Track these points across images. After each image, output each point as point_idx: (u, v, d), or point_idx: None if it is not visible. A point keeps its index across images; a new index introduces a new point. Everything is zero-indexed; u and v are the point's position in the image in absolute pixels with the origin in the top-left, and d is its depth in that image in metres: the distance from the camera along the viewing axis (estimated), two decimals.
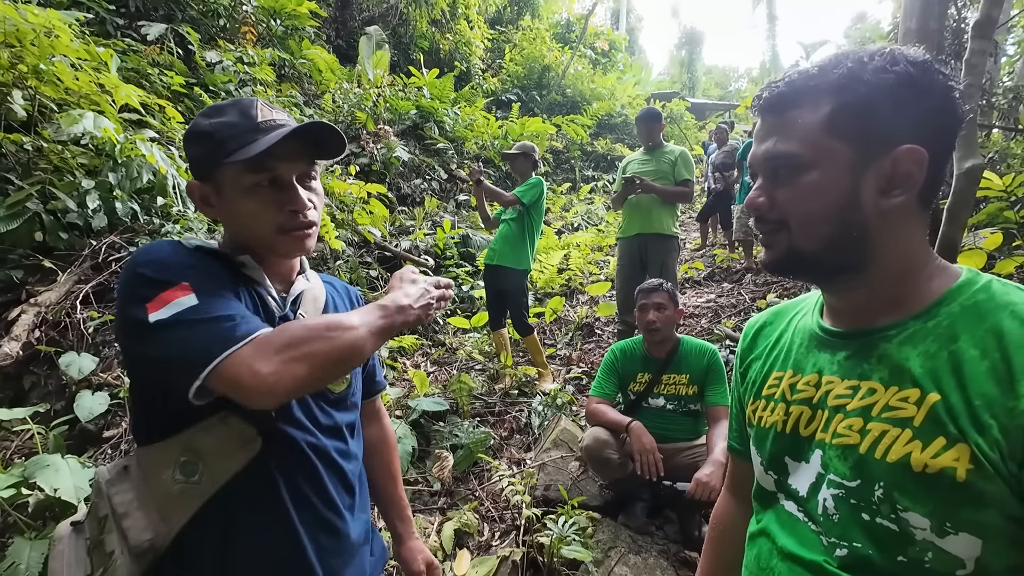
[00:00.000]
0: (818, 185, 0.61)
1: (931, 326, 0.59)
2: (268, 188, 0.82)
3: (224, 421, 0.78)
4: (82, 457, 2.55)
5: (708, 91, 26.91)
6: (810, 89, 0.62)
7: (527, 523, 2.04)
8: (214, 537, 0.79)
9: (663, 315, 2.23)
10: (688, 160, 3.52)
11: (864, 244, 0.62)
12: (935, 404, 0.56)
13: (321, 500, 0.86)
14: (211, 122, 0.81)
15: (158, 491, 0.77)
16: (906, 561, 0.57)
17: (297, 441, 0.84)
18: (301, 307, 0.91)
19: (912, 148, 0.58)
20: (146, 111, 4.51)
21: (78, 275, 3.42)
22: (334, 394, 0.92)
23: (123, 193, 3.67)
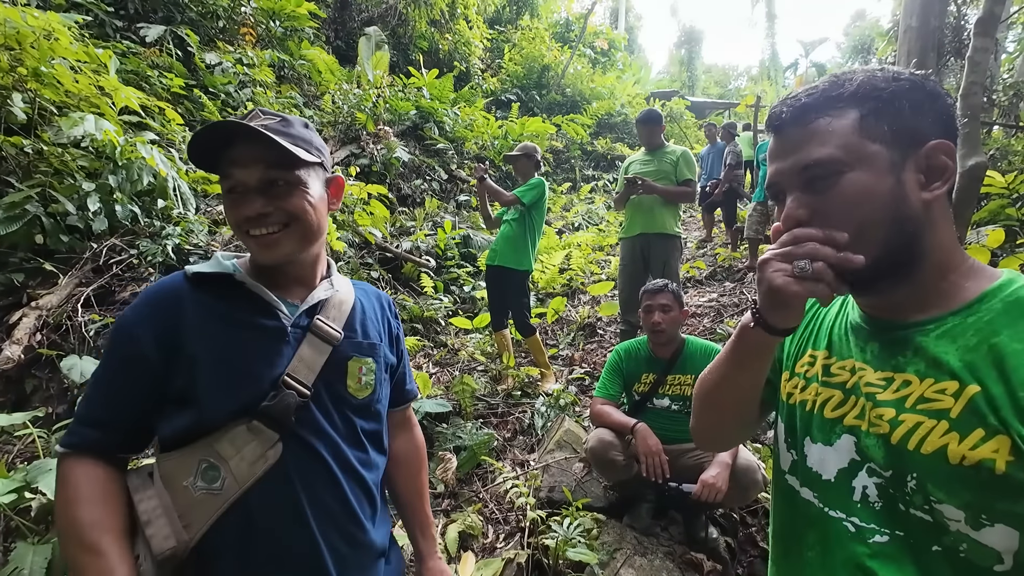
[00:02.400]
0: (865, 188, 0.61)
1: (971, 321, 0.60)
2: (232, 194, 0.86)
3: (250, 428, 0.81)
4: None
5: (708, 90, 26.91)
6: (832, 99, 0.63)
7: (532, 525, 2.03)
8: (234, 543, 0.80)
9: (668, 316, 2.22)
10: (690, 160, 3.52)
11: (916, 240, 0.62)
12: (975, 396, 0.55)
13: (341, 508, 0.87)
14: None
15: (180, 498, 0.79)
16: (941, 551, 0.57)
17: (317, 448, 0.85)
18: (323, 312, 0.92)
19: (941, 142, 0.61)
20: (146, 113, 4.50)
21: (79, 278, 3.41)
22: (356, 400, 0.92)
23: (123, 196, 3.67)
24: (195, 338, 0.82)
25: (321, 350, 0.89)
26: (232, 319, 0.85)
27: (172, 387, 0.82)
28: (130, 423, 0.83)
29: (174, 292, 0.85)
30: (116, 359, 0.83)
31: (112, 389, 0.82)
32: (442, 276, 5.27)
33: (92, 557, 0.73)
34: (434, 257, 5.44)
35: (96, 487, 0.78)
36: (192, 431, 0.81)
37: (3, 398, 2.85)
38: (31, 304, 3.10)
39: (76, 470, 0.78)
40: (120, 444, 0.83)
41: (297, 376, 0.85)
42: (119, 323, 0.85)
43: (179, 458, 0.81)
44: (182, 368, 0.81)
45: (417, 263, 5.13)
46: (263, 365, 0.84)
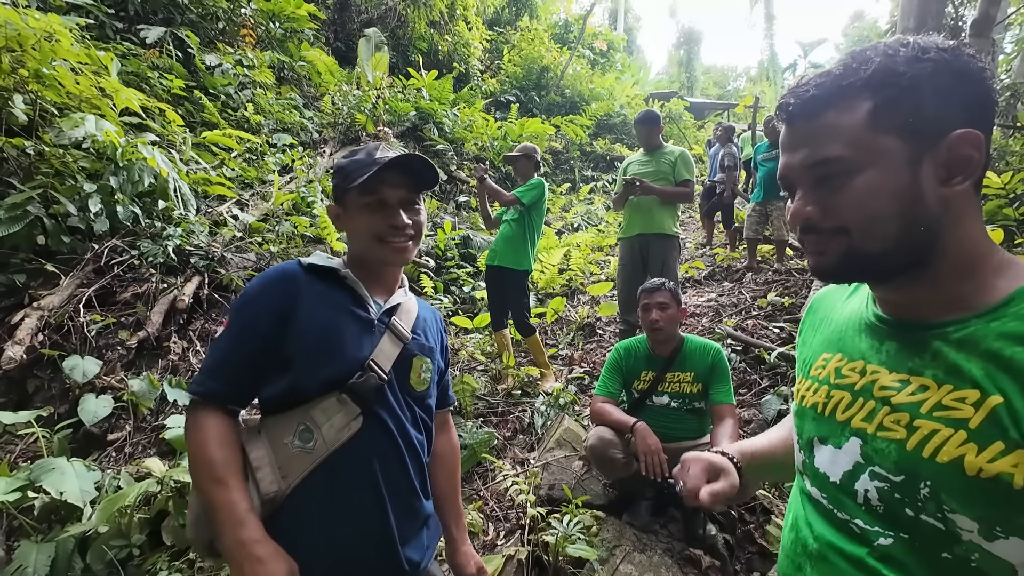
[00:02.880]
0: (877, 185, 0.58)
1: (994, 326, 0.56)
2: (375, 207, 1.05)
3: (339, 399, 0.98)
4: (86, 460, 2.55)
5: (707, 90, 26.94)
6: (843, 89, 0.59)
7: (532, 522, 2.05)
8: (319, 494, 0.96)
9: (666, 314, 2.24)
10: (688, 160, 3.53)
11: (931, 238, 0.59)
12: (996, 407, 0.53)
13: (402, 476, 1.04)
14: (347, 160, 1.09)
15: (280, 453, 0.97)
16: (951, 559, 0.56)
17: (389, 425, 1.03)
18: (397, 315, 1.10)
19: (966, 132, 0.56)
20: (147, 114, 4.52)
21: (81, 279, 3.43)
22: (417, 392, 1.10)
23: (124, 196, 3.68)
24: (306, 316, 0.99)
25: (396, 345, 1.07)
26: (335, 305, 1.03)
27: (283, 354, 0.98)
28: (247, 381, 0.99)
29: (292, 276, 1.03)
30: (240, 326, 1.00)
31: (235, 350, 0.99)
32: (442, 276, 5.29)
33: (222, 489, 0.90)
34: (434, 258, 5.45)
35: (222, 432, 0.95)
36: (291, 397, 0.98)
37: (5, 398, 2.86)
38: (33, 305, 3.11)
39: (206, 415, 0.96)
40: (236, 398, 1.00)
41: (378, 362, 1.02)
42: (245, 296, 1.02)
43: (282, 420, 0.98)
44: (293, 339, 0.98)
45: (416, 263, 5.15)
46: (355, 347, 1.01)
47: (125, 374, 3.04)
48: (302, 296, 1.01)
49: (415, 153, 1.06)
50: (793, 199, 0.66)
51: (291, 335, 0.98)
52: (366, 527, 0.99)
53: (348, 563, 0.99)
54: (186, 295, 3.50)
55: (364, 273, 1.09)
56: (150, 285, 3.47)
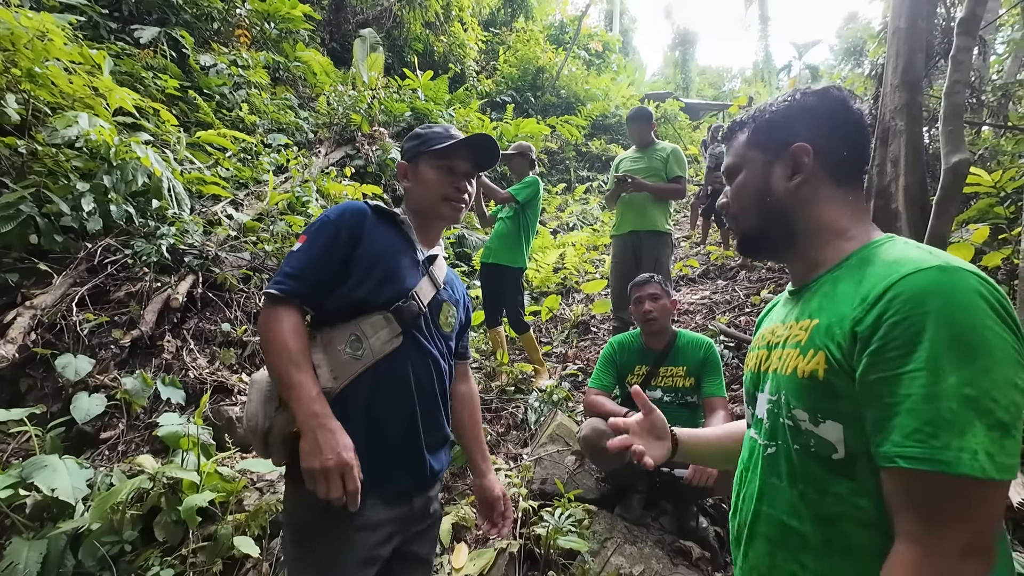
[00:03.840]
0: (744, 182, 0.88)
1: (836, 275, 0.78)
2: (446, 171, 1.28)
3: (385, 317, 1.15)
4: (79, 458, 2.55)
5: (702, 91, 27.01)
6: (741, 122, 0.91)
7: (524, 516, 2.06)
8: (364, 394, 1.13)
9: (658, 304, 2.26)
10: (680, 157, 3.55)
11: (786, 217, 0.84)
12: (814, 327, 0.75)
13: (431, 391, 1.23)
14: (424, 130, 1.32)
15: (333, 357, 1.12)
16: (799, 448, 0.75)
17: (424, 347, 1.21)
18: (434, 267, 1.29)
19: (799, 145, 0.82)
20: (140, 114, 4.51)
21: (73, 278, 3.42)
22: (444, 331, 1.29)
23: (118, 196, 3.67)
24: (369, 243, 1.18)
25: (432, 288, 1.26)
26: (392, 241, 1.23)
27: (348, 271, 1.16)
28: (320, 287, 1.15)
29: (364, 211, 1.22)
30: (321, 241, 1.16)
31: (315, 259, 1.15)
32: None
33: (299, 371, 1.05)
34: None
35: (297, 325, 1.10)
36: (346, 309, 1.14)
37: None
38: (25, 304, 3.11)
39: (285, 310, 1.11)
40: (310, 300, 1.15)
41: (419, 295, 1.21)
42: (325, 219, 1.20)
43: (336, 330, 1.14)
44: (357, 260, 1.17)
45: None
46: (404, 277, 1.21)
47: (118, 373, 3.03)
48: (368, 228, 1.20)
49: (485, 133, 1.31)
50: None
51: (357, 256, 1.17)
52: (400, 425, 1.16)
53: (383, 453, 1.13)
54: (180, 294, 3.49)
55: (417, 224, 1.30)
56: (144, 284, 3.46)
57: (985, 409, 0.58)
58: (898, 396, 0.62)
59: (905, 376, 0.61)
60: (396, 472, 1.16)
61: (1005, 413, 0.58)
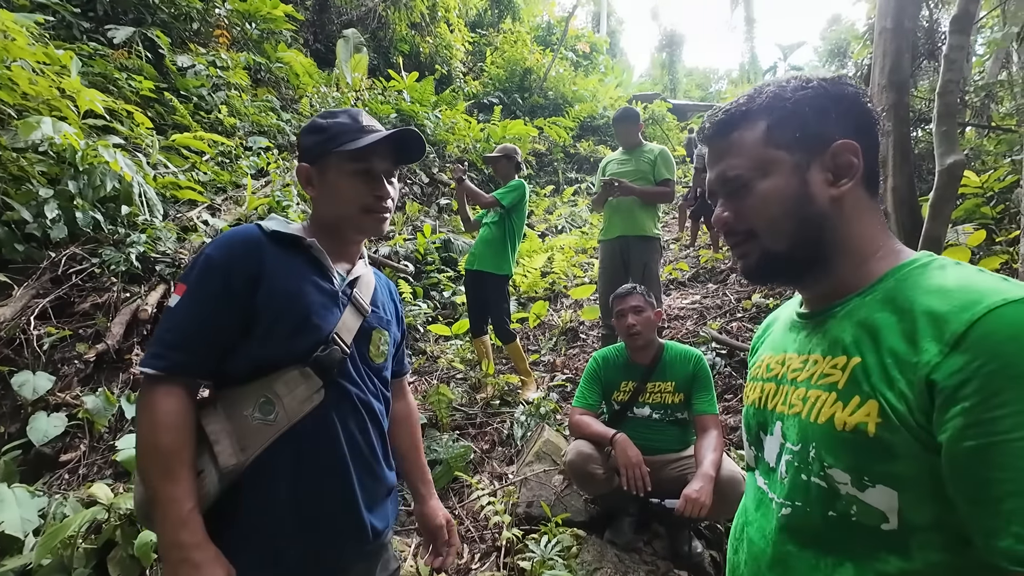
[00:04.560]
0: (772, 190, 0.68)
1: (867, 300, 0.65)
2: (363, 176, 1.03)
3: (302, 372, 0.95)
4: (36, 484, 2.40)
5: (689, 92, 27.12)
6: (744, 114, 0.71)
7: (508, 544, 1.94)
8: (285, 463, 0.94)
9: (642, 318, 2.15)
10: (668, 159, 3.46)
11: (825, 233, 0.68)
12: (855, 367, 0.61)
13: (366, 445, 1.04)
14: (327, 121, 1.05)
15: (238, 425, 0.93)
16: (835, 516, 0.62)
17: (351, 395, 1.02)
18: (358, 288, 1.08)
19: (846, 142, 0.67)
20: (113, 117, 4.34)
21: (36, 289, 3.24)
22: (375, 364, 1.09)
23: (85, 202, 3.51)
24: (271, 285, 0.95)
25: (357, 318, 1.05)
26: (300, 275, 0.99)
27: (247, 324, 0.94)
28: (212, 351, 0.93)
29: (256, 241, 0.98)
30: (207, 292, 0.93)
31: (200, 317, 0.92)
32: (422, 281, 5.16)
33: (168, 483, 0.85)
34: (413, 262, 5.33)
35: (177, 413, 0.89)
36: (252, 369, 0.94)
37: None
38: None
39: (161, 394, 0.89)
40: (200, 370, 0.94)
41: (340, 335, 1.00)
42: (208, 260, 0.95)
43: (241, 393, 0.94)
44: (257, 309, 0.94)
45: (396, 268, 5.02)
46: (321, 320, 0.99)
47: (81, 390, 2.87)
48: (267, 263, 0.96)
49: (409, 128, 1.05)
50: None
51: (258, 305, 0.94)
52: (331, 494, 0.99)
53: (314, 529, 0.98)
54: (149, 304, 3.33)
55: (329, 242, 1.06)
56: (111, 295, 3.30)
57: None
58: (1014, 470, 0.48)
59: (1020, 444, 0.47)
60: (331, 546, 1.00)
61: None
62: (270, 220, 1.03)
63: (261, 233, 0.99)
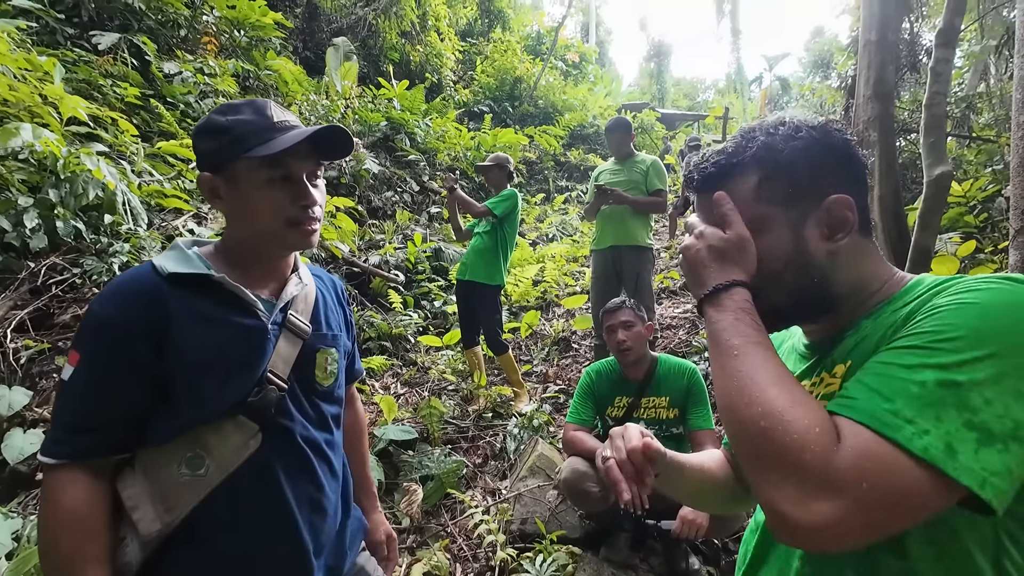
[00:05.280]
0: (769, 248, 0.67)
1: (873, 321, 0.66)
2: (281, 184, 0.87)
3: (235, 422, 0.85)
4: (9, 504, 2.31)
5: (677, 102, 27.47)
6: (734, 167, 0.69)
7: (502, 564, 1.90)
8: (219, 518, 0.85)
9: (632, 333, 2.13)
10: (660, 169, 3.47)
11: (825, 284, 0.68)
12: (847, 370, 0.64)
13: (312, 484, 0.94)
14: (227, 119, 0.87)
15: (163, 484, 0.82)
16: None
17: (293, 433, 0.92)
18: (294, 307, 0.95)
19: (840, 196, 0.66)
20: (97, 124, 4.26)
21: (14, 300, 3.15)
22: (323, 388, 0.98)
23: (66, 211, 3.42)
24: (181, 339, 0.82)
25: (294, 344, 0.93)
26: (215, 319, 0.86)
27: (162, 385, 0.82)
28: (120, 425, 0.81)
29: (154, 289, 0.83)
30: (102, 356, 0.80)
31: (99, 391, 0.80)
32: (412, 291, 5.11)
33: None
34: (404, 271, 5.28)
35: (82, 505, 0.78)
36: (180, 427, 0.83)
37: None
38: None
39: (63, 484, 0.79)
40: (111, 447, 0.82)
41: (276, 371, 0.90)
42: (97, 320, 0.81)
43: (163, 451, 0.83)
44: (171, 367, 0.82)
45: (386, 278, 4.97)
46: (248, 364, 0.87)
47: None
48: (172, 314, 0.82)
49: (332, 124, 0.91)
50: None
51: (169, 362, 0.81)
52: (274, 546, 0.89)
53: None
54: None
55: (248, 264, 0.92)
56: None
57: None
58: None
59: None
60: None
61: None
62: (166, 257, 0.87)
63: (158, 277, 0.83)
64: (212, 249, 0.94)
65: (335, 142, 0.91)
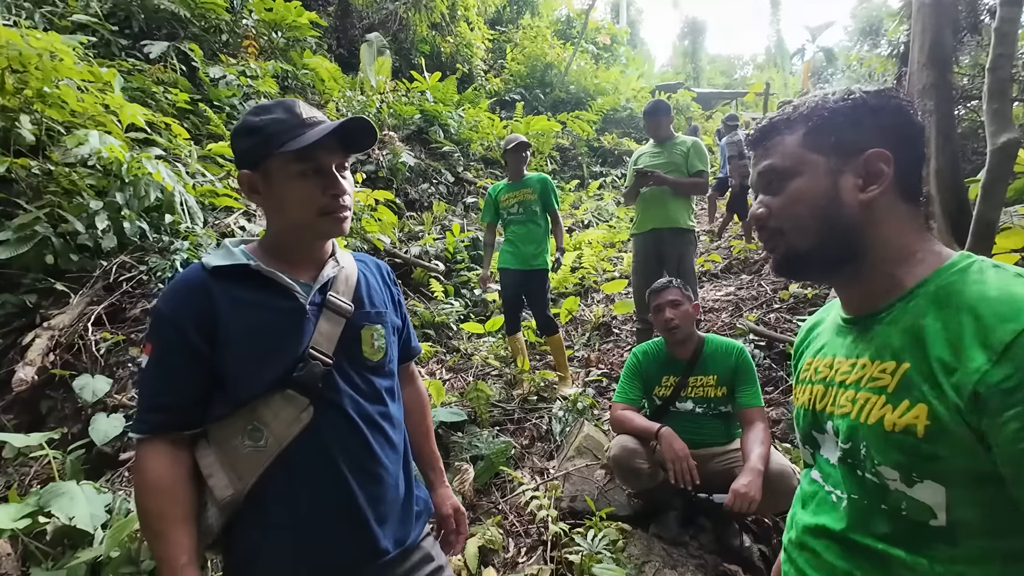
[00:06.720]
0: (803, 189, 0.74)
1: (911, 305, 0.68)
2: (312, 176, 0.95)
3: (284, 396, 0.93)
4: (99, 481, 2.52)
5: (713, 80, 26.55)
6: (787, 120, 0.76)
7: (554, 538, 1.95)
8: (280, 487, 0.93)
9: (680, 311, 2.13)
10: (701, 150, 3.41)
11: (852, 235, 0.72)
12: (905, 372, 0.65)
13: (366, 454, 0.99)
14: (261, 119, 0.95)
15: (231, 455, 0.93)
16: (887, 509, 0.67)
17: (343, 406, 0.98)
18: (333, 288, 1.02)
19: (878, 151, 0.70)
20: (152, 129, 4.51)
21: (90, 297, 3.40)
22: (372, 362, 1.04)
23: (131, 212, 3.66)
24: (227, 325, 0.92)
25: (336, 323, 1.00)
26: (256, 304, 0.95)
27: (216, 367, 0.92)
28: (188, 403, 0.93)
29: (201, 284, 0.94)
30: (164, 348, 0.93)
31: (166, 376, 0.93)
32: (452, 280, 5.21)
33: (159, 542, 0.89)
34: (443, 261, 5.37)
35: (164, 471, 0.90)
36: (236, 403, 0.93)
37: (18, 420, 2.84)
38: (43, 325, 3.09)
39: (148, 456, 0.91)
40: (184, 423, 0.94)
41: (319, 348, 0.96)
42: (158, 316, 0.95)
43: (228, 424, 0.94)
44: (221, 351, 0.92)
45: (426, 268, 5.08)
46: (289, 342, 0.95)
47: (136, 391, 3.00)
48: (217, 304, 0.92)
49: (356, 116, 0.97)
50: None
51: (219, 347, 0.92)
52: (332, 515, 0.96)
53: (318, 553, 0.96)
54: None
55: (288, 253, 1.01)
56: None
57: None
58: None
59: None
60: (341, 569, 0.98)
61: None
62: (212, 254, 0.98)
63: (204, 272, 0.94)
64: (256, 244, 1.03)
65: (359, 133, 0.97)
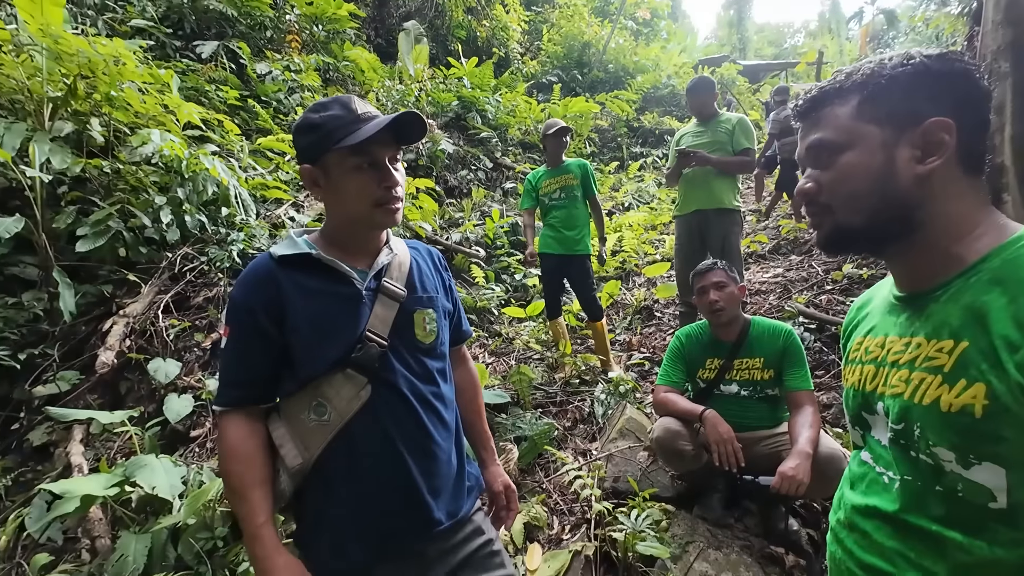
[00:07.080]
0: (856, 163, 0.69)
1: (972, 281, 0.64)
2: (367, 169, 1.01)
3: (344, 374, 1.01)
4: (173, 455, 2.74)
5: (761, 51, 25.26)
6: (838, 90, 0.71)
7: (598, 517, 1.99)
8: (342, 460, 1.02)
9: (724, 293, 2.08)
10: (747, 127, 3.28)
11: (907, 211, 0.67)
12: (964, 351, 0.62)
13: (420, 431, 1.06)
14: (319, 116, 1.01)
15: (299, 428, 1.02)
16: (943, 491, 0.65)
17: (399, 386, 1.05)
18: (388, 274, 1.09)
19: (938, 120, 0.65)
20: (207, 126, 4.74)
21: (158, 286, 3.66)
22: (424, 344, 1.10)
23: (191, 206, 3.89)
24: (292, 310, 1.01)
25: (390, 307, 1.07)
26: (317, 290, 1.03)
27: (284, 348, 1.01)
28: (261, 380, 1.04)
29: (268, 272, 1.03)
30: (238, 331, 1.03)
31: (241, 355, 1.03)
32: (492, 265, 5.27)
33: (239, 502, 0.98)
34: (483, 247, 5.44)
35: (243, 439, 1.01)
36: (303, 381, 1.02)
37: (102, 399, 3.11)
38: (119, 313, 3.36)
39: (229, 427, 1.01)
40: (258, 397, 1.04)
41: (375, 331, 1.04)
42: (233, 302, 1.04)
43: (296, 399, 1.03)
44: (288, 335, 1.01)
45: (467, 254, 5.16)
46: (347, 325, 1.02)
47: (202, 374, 3.23)
48: (284, 291, 1.01)
49: (408, 111, 1.02)
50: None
51: (286, 330, 1.01)
52: (389, 486, 1.03)
53: (376, 524, 1.03)
54: None
55: (346, 243, 1.08)
56: (219, 289, 3.66)
57: None
58: None
59: None
60: (396, 538, 1.05)
61: None
62: (279, 244, 1.07)
63: (272, 262, 1.03)
64: (317, 234, 1.11)
65: (411, 126, 1.03)
